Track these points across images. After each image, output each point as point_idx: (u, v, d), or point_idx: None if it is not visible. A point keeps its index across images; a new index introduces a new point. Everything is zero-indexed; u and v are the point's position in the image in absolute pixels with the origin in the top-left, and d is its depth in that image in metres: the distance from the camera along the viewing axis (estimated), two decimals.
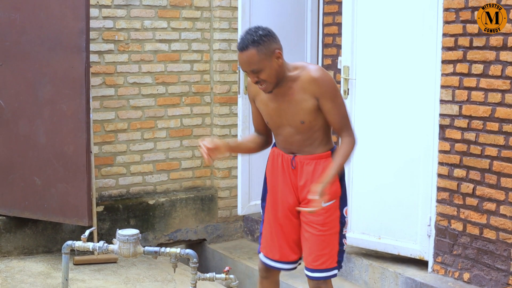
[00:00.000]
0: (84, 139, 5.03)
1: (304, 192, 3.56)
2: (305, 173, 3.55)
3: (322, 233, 3.56)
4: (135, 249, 3.41)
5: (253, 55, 3.30)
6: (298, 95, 3.42)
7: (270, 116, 3.53)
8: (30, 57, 5.09)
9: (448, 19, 4.37)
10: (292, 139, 3.53)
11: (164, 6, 5.82)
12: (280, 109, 3.48)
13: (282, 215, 3.65)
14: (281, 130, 3.54)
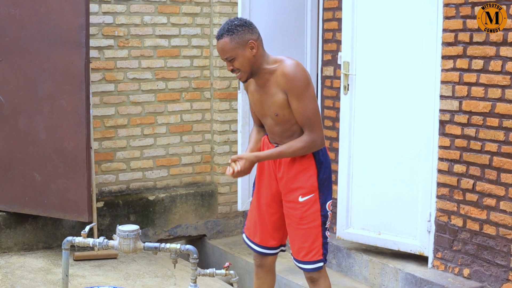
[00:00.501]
0: (84, 135, 5.03)
1: (281, 183, 3.69)
2: (283, 164, 3.67)
3: (301, 226, 3.66)
4: (135, 245, 3.41)
5: (227, 43, 3.45)
6: (272, 88, 3.54)
7: (255, 106, 3.70)
8: (29, 53, 5.09)
9: (448, 14, 4.37)
10: (273, 129, 3.66)
11: (164, 2, 5.81)
12: (261, 100, 3.62)
13: (264, 202, 3.79)
14: (264, 120, 3.69)
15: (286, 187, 3.67)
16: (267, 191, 3.77)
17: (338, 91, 5.17)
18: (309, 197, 3.62)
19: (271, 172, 3.73)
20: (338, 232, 5.02)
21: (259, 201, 3.81)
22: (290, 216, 3.70)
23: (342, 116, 4.94)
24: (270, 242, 3.85)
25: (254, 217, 3.86)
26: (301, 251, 3.69)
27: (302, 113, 3.51)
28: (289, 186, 3.66)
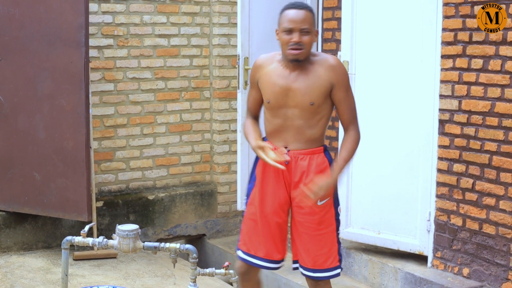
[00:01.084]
0: (83, 134, 5.03)
1: (297, 189, 3.52)
2: (300, 168, 3.52)
3: (319, 232, 3.54)
4: (135, 245, 3.41)
5: (309, 16, 3.42)
6: (314, 76, 3.45)
7: (275, 95, 3.48)
8: (29, 52, 5.08)
9: (447, 13, 4.37)
10: (292, 123, 3.49)
11: (164, 1, 5.81)
12: (289, 89, 3.46)
13: (271, 212, 3.57)
14: (282, 112, 3.50)
15: (304, 193, 3.47)
16: (274, 199, 3.56)
17: None
18: (326, 200, 3.51)
19: (281, 179, 3.54)
20: None
21: (264, 212, 3.58)
22: (305, 223, 3.54)
23: None
24: (275, 255, 3.64)
25: (256, 229, 3.61)
26: (318, 258, 3.56)
27: (349, 105, 3.51)
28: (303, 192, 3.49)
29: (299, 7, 3.43)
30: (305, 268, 3.59)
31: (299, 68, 3.46)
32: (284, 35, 3.42)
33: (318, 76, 3.44)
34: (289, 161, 3.50)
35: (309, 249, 3.56)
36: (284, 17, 3.45)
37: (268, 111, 3.57)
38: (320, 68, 3.45)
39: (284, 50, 3.43)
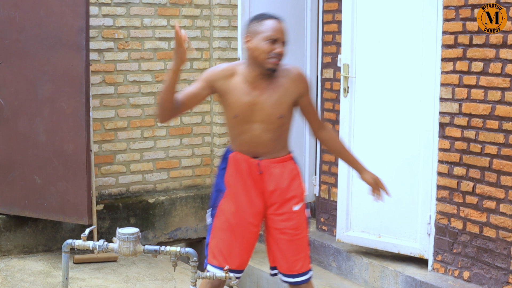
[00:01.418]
0: (84, 138, 5.03)
1: (274, 196, 3.53)
2: (273, 177, 3.52)
3: (297, 237, 3.57)
4: (135, 248, 3.40)
5: (285, 28, 3.43)
6: (282, 89, 3.45)
7: (242, 110, 3.44)
8: (29, 55, 5.09)
9: (447, 16, 4.37)
10: (261, 138, 3.48)
11: (164, 4, 5.81)
12: (256, 103, 3.43)
13: (246, 222, 3.54)
14: (249, 126, 3.47)
15: (280, 199, 3.53)
16: (253, 209, 3.53)
17: (338, 93, 5.17)
18: (301, 205, 3.57)
19: (256, 188, 3.53)
20: (338, 235, 5.02)
21: (239, 224, 3.53)
22: (284, 229, 3.55)
23: (342, 118, 4.94)
24: (245, 264, 3.63)
25: (229, 241, 3.54)
26: (297, 263, 3.58)
27: (315, 106, 3.62)
28: (284, 197, 3.54)
29: (278, 19, 3.43)
30: (285, 275, 3.61)
31: (266, 80, 3.44)
32: (266, 44, 3.36)
33: (286, 88, 3.45)
34: (263, 170, 3.51)
35: (285, 255, 3.58)
36: (267, 25, 3.39)
37: (235, 126, 3.51)
38: (285, 80, 3.46)
39: (263, 58, 3.37)
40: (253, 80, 3.43)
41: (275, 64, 3.37)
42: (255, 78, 3.43)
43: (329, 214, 5.35)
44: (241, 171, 3.53)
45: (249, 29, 3.45)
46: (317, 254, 5.28)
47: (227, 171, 3.56)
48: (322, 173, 5.43)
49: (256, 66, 3.41)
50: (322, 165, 5.42)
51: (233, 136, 3.54)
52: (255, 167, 3.52)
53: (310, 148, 5.79)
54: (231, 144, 3.59)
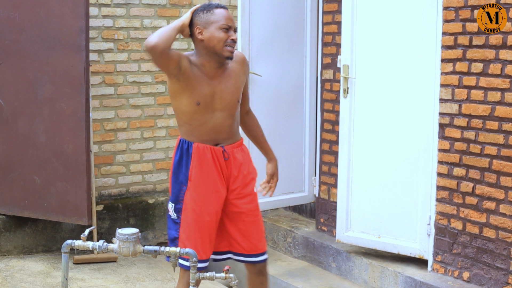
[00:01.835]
0: (83, 138, 5.03)
1: (237, 181, 3.64)
2: (237, 161, 3.64)
3: (258, 217, 3.72)
4: (135, 248, 3.40)
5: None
6: (234, 74, 3.57)
7: (204, 98, 3.49)
8: (29, 56, 5.09)
9: (447, 17, 4.37)
10: (223, 125, 3.56)
11: (164, 5, 5.81)
12: (216, 92, 3.51)
13: (214, 211, 3.60)
14: (212, 115, 3.53)
15: (242, 183, 3.65)
16: (215, 198, 3.60)
17: (337, 94, 5.18)
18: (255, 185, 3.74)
19: (220, 175, 3.59)
20: (338, 235, 5.02)
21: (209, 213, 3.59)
22: (248, 211, 3.67)
23: (342, 119, 4.94)
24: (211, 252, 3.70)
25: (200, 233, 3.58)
26: (260, 242, 3.73)
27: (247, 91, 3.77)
28: (245, 181, 3.66)
29: (225, 7, 3.54)
30: (248, 255, 3.71)
31: (221, 69, 3.53)
32: (221, 33, 3.43)
33: (237, 73, 3.58)
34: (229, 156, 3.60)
35: (251, 236, 3.68)
36: (219, 14, 3.46)
37: (196, 115, 3.52)
38: (234, 65, 3.58)
39: (220, 47, 3.43)
40: (209, 70, 3.50)
41: (231, 51, 3.47)
42: (211, 68, 3.50)
43: (329, 214, 5.36)
44: (207, 160, 3.56)
45: (199, 20, 3.47)
46: (317, 255, 5.28)
47: (192, 162, 3.55)
48: (321, 174, 5.43)
49: (212, 56, 3.47)
50: (322, 166, 5.42)
51: (194, 127, 3.55)
52: (221, 154, 3.59)
53: (309, 149, 5.79)
54: (187, 135, 3.58)
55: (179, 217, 3.59)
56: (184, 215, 3.59)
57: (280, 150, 5.64)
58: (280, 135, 5.62)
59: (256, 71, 5.40)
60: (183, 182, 3.57)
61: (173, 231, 3.62)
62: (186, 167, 3.57)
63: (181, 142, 3.59)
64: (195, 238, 3.59)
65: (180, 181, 3.58)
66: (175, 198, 3.60)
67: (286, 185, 5.71)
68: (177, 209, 3.60)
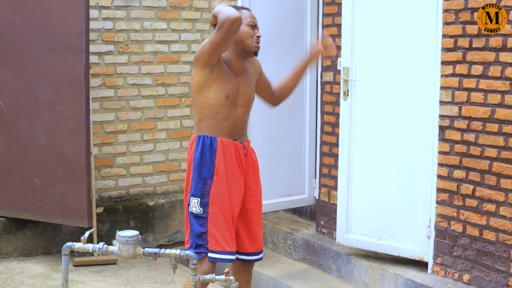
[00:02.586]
0: (83, 140, 5.03)
1: (251, 177, 3.75)
2: (252, 158, 3.77)
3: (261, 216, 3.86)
4: (135, 251, 3.40)
5: None
6: (250, 73, 3.76)
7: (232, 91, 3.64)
8: (29, 58, 5.09)
9: (447, 20, 4.38)
10: (242, 121, 3.70)
11: (164, 7, 5.82)
12: (239, 87, 3.66)
13: (237, 206, 3.69)
14: (235, 110, 3.65)
15: (255, 180, 3.76)
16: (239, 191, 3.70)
17: (337, 96, 5.18)
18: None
19: (241, 170, 3.69)
20: (338, 237, 5.02)
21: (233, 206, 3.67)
22: (256, 209, 3.78)
23: (342, 121, 4.94)
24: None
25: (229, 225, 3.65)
26: (261, 240, 3.84)
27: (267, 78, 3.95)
28: (256, 179, 3.78)
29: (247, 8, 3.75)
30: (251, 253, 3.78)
31: (243, 66, 3.70)
32: (249, 29, 3.64)
33: (251, 72, 3.76)
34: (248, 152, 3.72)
35: (257, 234, 3.79)
36: (246, 13, 3.71)
37: (222, 110, 3.62)
38: (248, 64, 3.75)
39: (250, 42, 3.64)
40: (235, 66, 3.66)
41: (258, 47, 3.66)
42: (237, 64, 3.67)
43: (329, 217, 5.35)
44: (231, 155, 3.64)
45: None
46: (317, 257, 5.28)
47: (218, 156, 3.61)
48: (322, 176, 5.43)
49: (239, 51, 3.65)
50: (322, 168, 5.43)
51: (217, 121, 3.62)
52: (241, 149, 3.69)
53: (310, 151, 5.79)
54: (209, 130, 3.64)
55: (206, 211, 3.61)
56: (211, 208, 3.61)
57: (280, 152, 5.66)
58: (280, 137, 5.62)
59: None
60: (207, 177, 3.62)
61: (197, 226, 3.63)
62: (211, 162, 3.62)
63: (202, 138, 3.64)
64: (226, 230, 3.63)
65: (205, 176, 3.62)
66: (200, 193, 3.62)
67: (286, 187, 5.72)
68: (203, 204, 3.62)
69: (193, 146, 3.66)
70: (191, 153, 3.67)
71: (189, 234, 3.67)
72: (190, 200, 3.65)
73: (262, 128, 5.50)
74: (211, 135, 3.63)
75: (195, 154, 3.64)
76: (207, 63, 3.52)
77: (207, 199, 3.62)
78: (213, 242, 3.61)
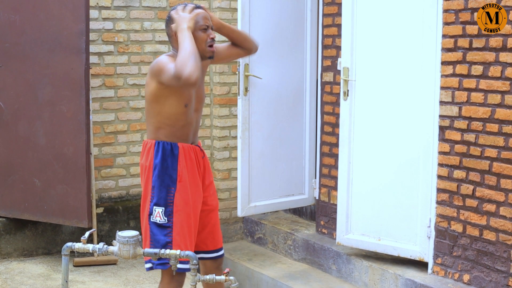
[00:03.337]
0: (83, 141, 5.03)
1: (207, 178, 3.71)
2: (206, 160, 3.73)
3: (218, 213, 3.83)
4: (135, 251, 3.40)
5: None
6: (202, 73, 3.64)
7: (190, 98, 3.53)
8: (30, 59, 5.09)
9: (447, 20, 4.37)
10: (197, 124, 3.66)
11: (164, 8, 5.82)
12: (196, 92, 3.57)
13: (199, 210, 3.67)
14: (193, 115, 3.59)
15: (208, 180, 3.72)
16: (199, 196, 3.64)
17: (337, 96, 5.18)
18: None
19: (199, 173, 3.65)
20: (338, 237, 5.01)
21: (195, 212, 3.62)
22: (214, 208, 3.76)
23: (342, 122, 4.94)
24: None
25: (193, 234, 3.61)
26: (220, 237, 3.83)
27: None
28: (210, 178, 3.74)
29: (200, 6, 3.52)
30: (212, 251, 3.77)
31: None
32: (201, 33, 3.46)
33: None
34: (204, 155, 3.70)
35: (217, 231, 3.78)
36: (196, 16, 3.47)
37: (182, 116, 3.52)
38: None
39: (203, 48, 3.48)
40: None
41: (213, 51, 3.52)
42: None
43: (329, 217, 5.35)
44: (191, 160, 3.59)
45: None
46: (317, 257, 5.28)
47: (180, 163, 3.53)
48: (322, 176, 5.43)
49: None
50: (322, 168, 5.43)
51: (177, 128, 3.52)
52: (199, 152, 3.67)
53: (310, 151, 5.79)
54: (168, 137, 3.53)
55: (170, 220, 3.52)
56: (176, 217, 3.53)
57: (280, 153, 5.66)
58: (280, 137, 5.62)
59: (256, 74, 5.40)
60: (170, 185, 3.52)
61: (161, 236, 3.53)
62: (173, 169, 3.52)
63: (161, 144, 3.52)
64: (189, 239, 3.58)
65: (167, 183, 3.52)
66: (164, 202, 3.52)
67: (286, 188, 5.72)
68: (167, 212, 3.52)
69: (151, 152, 3.53)
70: (149, 160, 3.54)
71: (150, 245, 3.56)
72: (152, 209, 3.53)
73: (262, 128, 5.50)
74: (171, 141, 3.53)
75: (154, 161, 3.52)
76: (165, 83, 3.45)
77: (171, 207, 3.52)
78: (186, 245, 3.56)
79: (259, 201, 5.54)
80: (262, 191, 5.54)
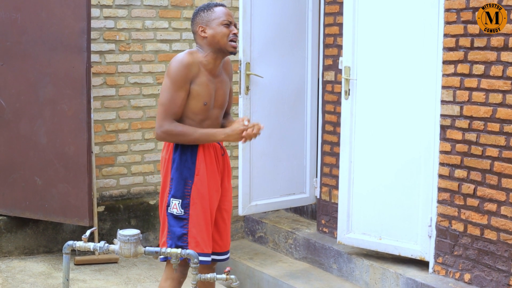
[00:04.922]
0: (85, 139, 5.03)
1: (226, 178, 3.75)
2: (227, 158, 3.76)
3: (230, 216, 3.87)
4: (136, 250, 3.40)
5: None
6: (224, 76, 3.69)
7: (210, 97, 3.58)
8: (31, 57, 5.09)
9: (449, 19, 4.37)
10: (217, 121, 3.67)
11: (165, 6, 5.82)
12: (216, 89, 3.61)
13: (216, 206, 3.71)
14: (212, 112, 3.62)
15: (228, 179, 3.76)
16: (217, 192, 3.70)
17: (339, 96, 5.18)
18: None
19: (219, 170, 3.69)
20: (339, 237, 5.02)
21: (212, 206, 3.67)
22: (229, 209, 3.81)
23: (343, 121, 4.94)
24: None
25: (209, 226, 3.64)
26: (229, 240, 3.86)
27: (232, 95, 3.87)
28: (230, 178, 3.78)
29: (222, 5, 3.62)
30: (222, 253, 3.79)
31: (219, 66, 3.62)
32: (223, 28, 3.53)
33: (226, 74, 3.72)
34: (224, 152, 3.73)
35: (227, 234, 3.80)
36: (219, 12, 3.57)
37: (200, 113, 3.57)
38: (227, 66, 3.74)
39: (225, 42, 3.54)
40: (212, 68, 3.58)
41: (235, 46, 3.56)
42: (214, 65, 3.59)
43: (330, 216, 5.36)
44: (210, 155, 3.63)
45: (199, 20, 3.57)
46: (318, 256, 5.28)
47: (198, 157, 3.59)
48: (323, 175, 5.43)
49: (216, 52, 3.56)
50: (323, 167, 5.43)
51: (196, 122, 3.58)
52: (219, 149, 3.69)
53: (311, 151, 5.79)
54: None
55: (187, 213, 3.59)
56: (192, 210, 3.59)
57: (282, 152, 5.66)
58: (281, 136, 5.62)
59: (258, 73, 5.40)
60: (188, 177, 3.59)
61: (178, 228, 3.61)
62: (192, 162, 3.58)
63: None
64: (206, 232, 3.62)
65: (185, 176, 3.59)
66: (181, 194, 3.60)
67: (287, 187, 5.72)
68: (184, 205, 3.60)
69: (171, 146, 3.61)
70: (169, 153, 3.61)
71: (167, 236, 3.64)
72: (170, 201, 3.64)
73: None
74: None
75: (173, 154, 3.60)
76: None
77: (188, 200, 3.59)
78: (194, 244, 3.59)
79: (260, 200, 5.54)
80: (263, 190, 5.54)
